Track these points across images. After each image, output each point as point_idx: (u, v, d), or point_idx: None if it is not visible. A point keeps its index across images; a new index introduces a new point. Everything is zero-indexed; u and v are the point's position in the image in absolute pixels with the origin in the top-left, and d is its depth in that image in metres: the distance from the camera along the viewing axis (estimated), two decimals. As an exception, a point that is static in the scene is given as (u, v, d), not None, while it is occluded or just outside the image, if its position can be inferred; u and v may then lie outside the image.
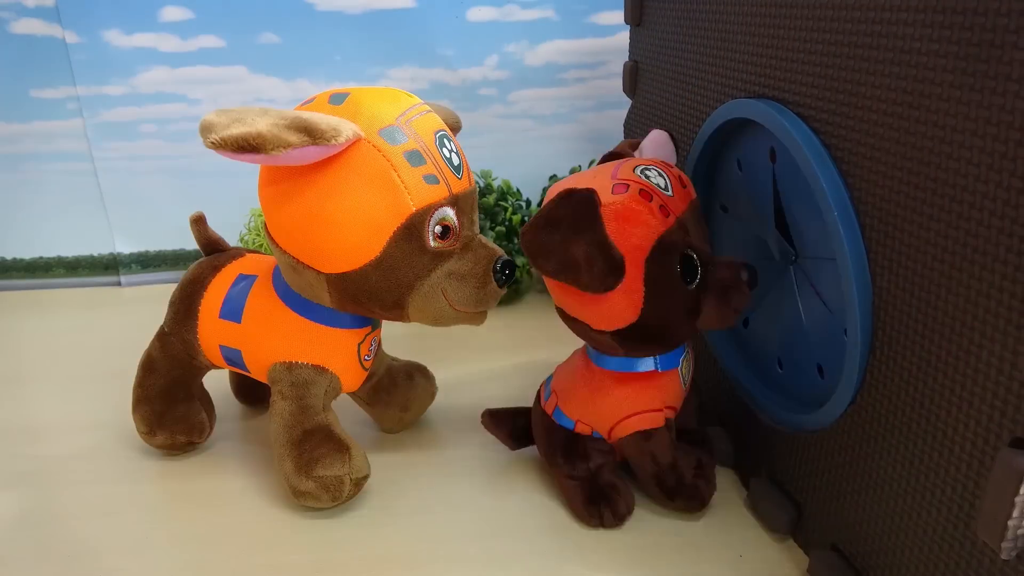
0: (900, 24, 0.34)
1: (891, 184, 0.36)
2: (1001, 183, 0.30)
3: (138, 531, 0.52)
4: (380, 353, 0.60)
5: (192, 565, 0.49)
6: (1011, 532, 0.31)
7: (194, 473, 0.58)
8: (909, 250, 0.36)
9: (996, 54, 0.30)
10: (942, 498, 0.36)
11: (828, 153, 0.40)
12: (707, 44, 0.52)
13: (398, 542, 0.51)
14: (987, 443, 0.33)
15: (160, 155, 0.93)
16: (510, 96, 0.94)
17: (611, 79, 0.93)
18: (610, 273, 0.43)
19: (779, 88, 0.44)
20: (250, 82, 0.91)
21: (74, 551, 0.50)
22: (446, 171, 0.48)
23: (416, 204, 0.46)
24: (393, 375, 0.61)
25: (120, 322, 0.54)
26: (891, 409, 0.39)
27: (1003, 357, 0.31)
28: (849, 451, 0.42)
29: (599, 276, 0.43)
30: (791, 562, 0.48)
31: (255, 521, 0.53)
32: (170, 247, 0.96)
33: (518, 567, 0.48)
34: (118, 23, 0.87)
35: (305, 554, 0.50)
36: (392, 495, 0.55)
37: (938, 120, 0.33)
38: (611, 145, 0.54)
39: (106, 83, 0.90)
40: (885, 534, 0.40)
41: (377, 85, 0.91)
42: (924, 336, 0.36)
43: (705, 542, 0.50)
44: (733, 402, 0.55)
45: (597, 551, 0.49)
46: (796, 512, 0.48)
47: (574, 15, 0.90)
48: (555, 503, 0.54)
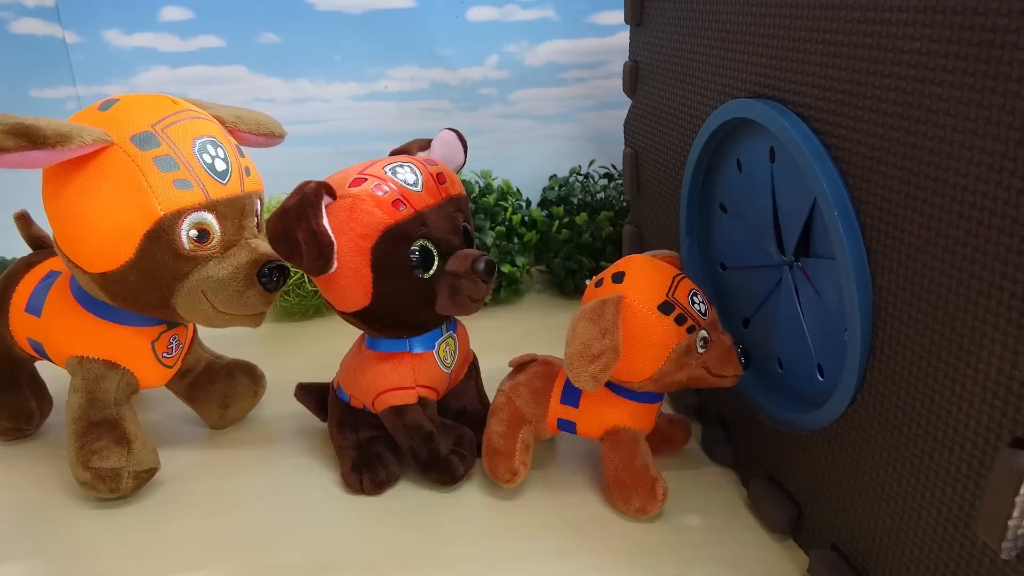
0: (900, 24, 0.34)
1: (891, 184, 0.36)
2: (1001, 183, 0.30)
3: (138, 531, 0.52)
4: (195, 350, 0.63)
5: (192, 565, 0.49)
6: (1011, 532, 0.31)
7: (194, 474, 0.58)
8: (909, 250, 0.36)
9: (996, 54, 0.30)
10: (942, 498, 0.36)
11: (828, 153, 0.40)
12: (707, 44, 0.52)
13: (398, 542, 0.51)
14: (987, 443, 0.33)
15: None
16: (510, 96, 0.94)
17: (611, 79, 0.93)
18: (319, 258, 0.48)
19: (779, 88, 0.44)
20: (250, 82, 0.91)
21: (74, 551, 0.50)
22: (204, 177, 0.50)
23: (164, 208, 0.48)
24: (212, 372, 0.63)
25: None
26: (891, 409, 0.39)
27: (1003, 357, 0.31)
28: (849, 451, 0.42)
29: (311, 260, 0.48)
30: (791, 562, 0.48)
31: (255, 521, 0.53)
32: (170, 247, 0.96)
33: (518, 567, 0.48)
34: (118, 23, 0.87)
35: (305, 554, 0.50)
36: (392, 495, 0.55)
37: (938, 120, 0.33)
38: (611, 145, 0.54)
39: (106, 83, 0.90)
40: (885, 534, 0.40)
41: (377, 84, 0.92)
42: (924, 336, 0.36)
43: (705, 542, 0.50)
44: (733, 402, 0.55)
45: (596, 552, 0.49)
46: (796, 512, 0.48)
47: (574, 15, 0.90)
48: (555, 503, 0.54)
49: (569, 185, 0.88)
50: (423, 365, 0.55)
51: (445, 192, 0.52)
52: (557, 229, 0.85)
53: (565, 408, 0.53)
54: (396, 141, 0.53)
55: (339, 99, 0.92)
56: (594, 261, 0.85)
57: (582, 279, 0.86)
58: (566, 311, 0.85)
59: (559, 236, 0.85)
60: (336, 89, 0.92)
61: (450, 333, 0.57)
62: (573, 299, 0.89)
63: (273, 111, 0.92)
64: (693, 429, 0.62)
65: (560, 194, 0.88)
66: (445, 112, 0.94)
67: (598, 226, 0.84)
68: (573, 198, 0.86)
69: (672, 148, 0.60)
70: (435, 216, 0.50)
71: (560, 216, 0.85)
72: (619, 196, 0.86)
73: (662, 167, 0.62)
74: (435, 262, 0.50)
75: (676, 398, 0.63)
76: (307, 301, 0.83)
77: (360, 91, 0.92)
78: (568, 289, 0.89)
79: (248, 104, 0.92)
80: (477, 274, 0.49)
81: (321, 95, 0.92)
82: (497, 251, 0.84)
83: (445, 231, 0.51)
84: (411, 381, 0.54)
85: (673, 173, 0.60)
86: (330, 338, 0.78)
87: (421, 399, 0.55)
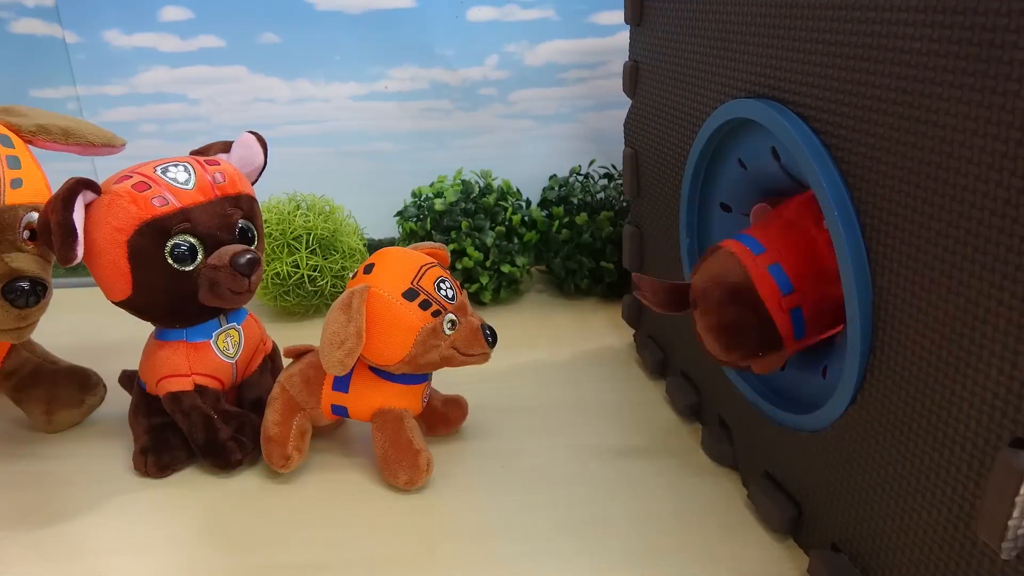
0: (900, 24, 0.34)
1: (891, 184, 0.36)
2: (1001, 183, 0.30)
3: (138, 531, 0.52)
4: (20, 352, 0.64)
5: (192, 565, 0.49)
6: (1011, 532, 0.31)
7: (194, 474, 0.58)
8: (909, 250, 0.36)
9: (996, 54, 0.30)
10: (942, 498, 0.36)
11: (828, 153, 0.40)
12: (707, 44, 0.52)
13: (398, 542, 0.51)
14: (987, 443, 0.33)
15: (160, 155, 0.93)
16: (510, 96, 0.94)
17: (611, 79, 0.93)
18: (63, 246, 0.50)
19: (779, 88, 0.44)
20: (250, 82, 0.91)
21: (74, 551, 0.50)
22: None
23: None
24: (38, 376, 0.63)
25: (121, 322, 0.54)
26: (891, 409, 0.39)
27: (1003, 357, 0.31)
28: (849, 451, 0.42)
29: (56, 248, 0.50)
30: (791, 562, 0.48)
31: (255, 521, 0.53)
32: (170, 247, 0.96)
33: (518, 567, 0.48)
34: (118, 23, 0.87)
35: (305, 554, 0.50)
36: (392, 495, 0.55)
37: (938, 120, 0.33)
38: (611, 145, 0.55)
39: (106, 83, 0.90)
40: (885, 534, 0.40)
41: (377, 84, 0.92)
42: (924, 336, 0.36)
43: (705, 542, 0.50)
44: (733, 402, 0.55)
45: (596, 551, 0.49)
46: (796, 512, 0.48)
47: (574, 15, 0.90)
48: (555, 503, 0.54)
49: (569, 185, 0.88)
50: (199, 354, 0.58)
51: (221, 191, 0.55)
52: (557, 229, 0.85)
53: (336, 394, 0.57)
54: (396, 141, 0.54)
55: (339, 99, 0.92)
56: (594, 261, 0.85)
57: (582, 279, 0.86)
58: (566, 311, 0.85)
59: (559, 236, 0.85)
60: (336, 89, 0.92)
61: (232, 325, 0.60)
62: (573, 299, 0.89)
63: (273, 111, 0.93)
64: (693, 429, 0.62)
65: (560, 194, 0.88)
66: (445, 112, 0.94)
67: (598, 226, 0.84)
68: (573, 198, 0.86)
69: (672, 148, 0.60)
70: (202, 213, 0.54)
71: (560, 216, 0.85)
72: (619, 196, 0.86)
73: (662, 167, 0.62)
74: (199, 256, 0.54)
75: (676, 399, 0.63)
76: (307, 301, 0.83)
77: (360, 91, 0.92)
78: (568, 289, 0.89)
79: (248, 104, 0.92)
80: (236, 268, 0.53)
81: (321, 95, 0.92)
82: (497, 251, 0.84)
83: (213, 227, 0.54)
84: (186, 369, 0.57)
85: (673, 173, 0.60)
86: (330, 338, 0.79)
87: (199, 387, 0.58)
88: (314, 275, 0.81)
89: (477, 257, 0.82)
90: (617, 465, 0.58)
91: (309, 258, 0.80)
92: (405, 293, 0.52)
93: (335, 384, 0.56)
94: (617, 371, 0.72)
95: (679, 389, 0.63)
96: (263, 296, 0.82)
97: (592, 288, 0.88)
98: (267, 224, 0.81)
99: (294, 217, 0.81)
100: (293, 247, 0.80)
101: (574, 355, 0.75)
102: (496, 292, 0.86)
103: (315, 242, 0.81)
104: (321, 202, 0.84)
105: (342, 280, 0.83)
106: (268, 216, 0.81)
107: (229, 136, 0.59)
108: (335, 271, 0.82)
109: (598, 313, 0.85)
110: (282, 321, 0.85)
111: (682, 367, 0.65)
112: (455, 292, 0.54)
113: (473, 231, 0.83)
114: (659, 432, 0.62)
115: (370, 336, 0.52)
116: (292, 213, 0.81)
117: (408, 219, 0.86)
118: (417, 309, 0.52)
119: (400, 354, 0.53)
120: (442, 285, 0.54)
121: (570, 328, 0.81)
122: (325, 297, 0.83)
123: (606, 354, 0.75)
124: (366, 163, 0.96)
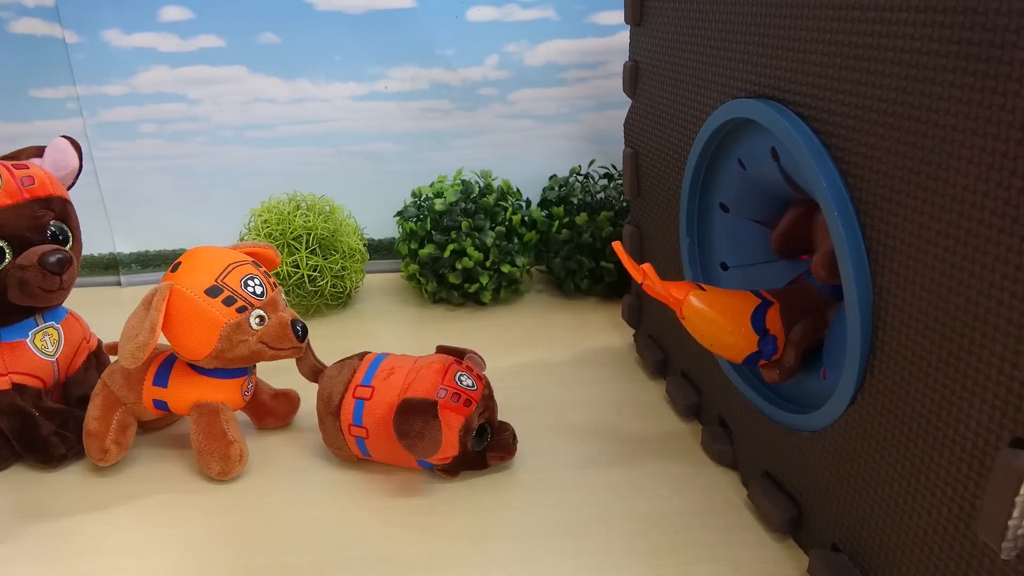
0: (900, 24, 0.34)
1: (891, 184, 0.36)
2: (1001, 183, 0.30)
3: (138, 531, 0.52)
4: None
5: (192, 565, 0.49)
6: (1011, 532, 0.31)
7: (194, 474, 0.58)
8: (909, 250, 0.36)
9: (996, 54, 0.30)
10: (942, 498, 0.36)
11: (828, 153, 0.40)
12: (707, 44, 0.52)
13: (398, 542, 0.51)
14: (987, 443, 0.33)
15: (160, 155, 0.93)
16: (510, 96, 0.94)
17: (611, 79, 0.93)
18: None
19: (779, 88, 0.44)
20: (250, 82, 0.91)
21: (74, 551, 0.50)
22: None
23: None
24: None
25: (120, 322, 0.54)
26: (891, 409, 0.39)
27: (1003, 357, 0.31)
28: (849, 451, 0.42)
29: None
30: (791, 562, 0.48)
31: (255, 521, 0.53)
32: (170, 247, 0.96)
33: (518, 568, 0.48)
34: (118, 23, 0.87)
35: (305, 554, 0.50)
36: (392, 495, 0.55)
37: (938, 120, 0.33)
38: (611, 145, 0.55)
39: (106, 83, 0.90)
40: (885, 534, 0.40)
41: (377, 84, 0.92)
42: (924, 336, 0.36)
43: (705, 542, 0.50)
44: (733, 402, 0.55)
45: (596, 552, 0.49)
46: (796, 512, 0.48)
47: (574, 15, 0.90)
48: (554, 503, 0.54)
49: (569, 185, 0.88)
50: (15, 354, 0.58)
51: (30, 193, 0.56)
52: (557, 229, 0.85)
53: (156, 389, 0.58)
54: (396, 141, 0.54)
55: (339, 99, 0.92)
56: (594, 261, 0.85)
57: (582, 279, 0.86)
58: (566, 311, 0.85)
59: (559, 236, 0.85)
60: (336, 89, 0.92)
61: (50, 324, 0.60)
62: (573, 299, 0.89)
63: (273, 111, 0.93)
64: (693, 429, 0.62)
65: (560, 194, 0.88)
66: (445, 112, 0.94)
67: (598, 226, 0.84)
68: (573, 198, 0.86)
69: (672, 148, 0.60)
70: (9, 215, 0.55)
71: (560, 216, 0.85)
72: (619, 196, 0.86)
73: (662, 167, 0.62)
74: (7, 257, 0.55)
75: (676, 399, 0.63)
76: (307, 301, 0.83)
77: (360, 91, 0.92)
78: (568, 289, 0.89)
79: (248, 104, 0.92)
80: (46, 267, 0.54)
81: (321, 95, 0.92)
82: (497, 251, 0.84)
83: (21, 228, 0.55)
84: (2, 368, 0.58)
85: (673, 173, 0.60)
86: (330, 339, 0.79)
87: (17, 385, 0.58)
88: (314, 275, 0.81)
89: (477, 257, 0.82)
90: (617, 465, 0.58)
91: (309, 258, 0.80)
92: (208, 290, 0.54)
93: (155, 379, 0.58)
94: (617, 371, 0.72)
95: (679, 389, 0.63)
96: (263, 296, 0.82)
97: (592, 288, 0.88)
98: (267, 224, 0.81)
99: (294, 217, 0.81)
100: (293, 247, 0.80)
101: (574, 355, 0.75)
102: (496, 292, 0.86)
103: (315, 242, 0.81)
104: (321, 202, 0.84)
105: (342, 280, 0.83)
106: (268, 216, 0.81)
107: (229, 136, 0.59)
108: (335, 271, 0.82)
109: (598, 313, 0.85)
110: (282, 321, 0.85)
111: (682, 367, 0.65)
112: (265, 289, 0.56)
113: (473, 231, 0.83)
114: (659, 432, 0.62)
115: (176, 332, 0.54)
116: (292, 213, 0.81)
117: (408, 219, 0.86)
118: (221, 305, 0.54)
119: (206, 349, 0.54)
120: (250, 282, 0.55)
121: (570, 328, 0.81)
122: (325, 297, 0.83)
123: (606, 354, 0.75)
124: (366, 163, 0.95)
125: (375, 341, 0.80)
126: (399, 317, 0.86)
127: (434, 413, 0.51)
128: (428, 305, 0.89)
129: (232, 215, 0.88)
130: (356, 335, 0.81)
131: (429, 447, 0.51)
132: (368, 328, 0.83)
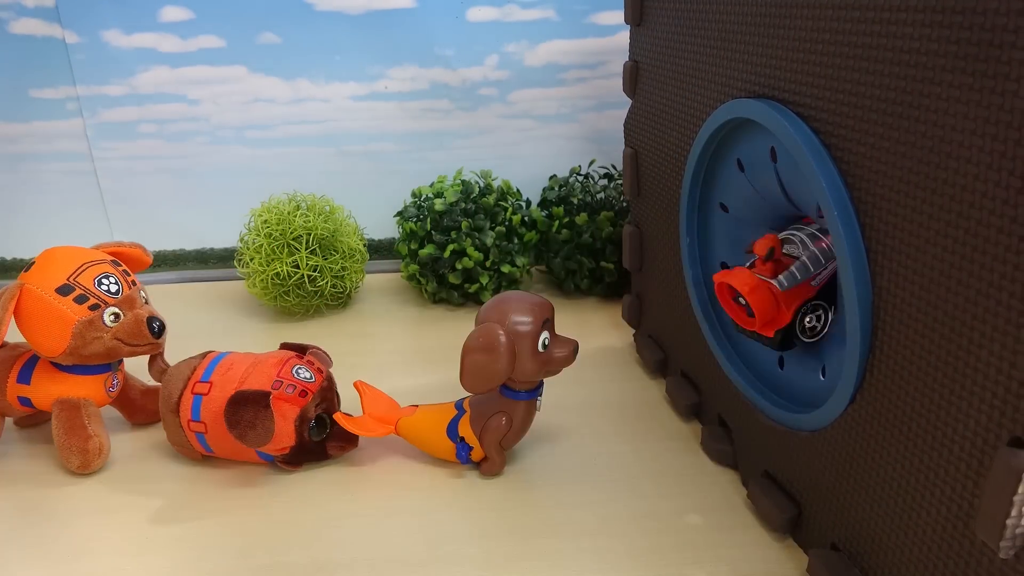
0: (900, 24, 0.34)
1: (891, 184, 0.36)
2: (1001, 183, 0.30)
3: (138, 531, 0.52)
4: None
5: (192, 565, 0.49)
6: (1010, 531, 0.31)
7: (194, 474, 0.58)
8: (909, 250, 0.36)
9: (996, 54, 0.30)
10: (941, 497, 0.36)
11: (828, 153, 0.40)
12: (707, 44, 0.52)
13: (398, 542, 0.51)
14: (986, 442, 0.33)
15: (160, 155, 0.93)
16: (510, 96, 0.94)
17: (611, 79, 0.93)
18: None
19: (779, 88, 0.44)
20: (250, 82, 0.91)
21: (74, 551, 0.51)
22: None
23: None
24: None
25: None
26: (891, 409, 0.39)
27: (1002, 356, 0.31)
28: (849, 451, 0.42)
29: None
30: (791, 562, 0.48)
31: (255, 521, 0.53)
32: (170, 247, 0.96)
33: (517, 568, 0.48)
34: (118, 23, 0.87)
35: (305, 554, 0.50)
36: (392, 495, 0.55)
37: (938, 120, 0.33)
38: (611, 145, 0.55)
39: (106, 83, 0.90)
40: (885, 533, 0.40)
41: (377, 84, 0.92)
42: (924, 336, 0.36)
43: (705, 542, 0.50)
44: (733, 402, 0.55)
45: (596, 551, 0.49)
46: (796, 512, 0.48)
47: (574, 15, 0.90)
48: (555, 503, 0.54)
49: (569, 185, 0.88)
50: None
51: None
52: (557, 229, 0.85)
53: (20, 386, 0.59)
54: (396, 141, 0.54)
55: (339, 99, 0.92)
56: (594, 261, 0.85)
57: (582, 279, 0.86)
58: (566, 311, 0.85)
59: (559, 236, 0.85)
60: (336, 89, 0.92)
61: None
62: (573, 299, 0.89)
63: (273, 111, 0.93)
64: (693, 429, 0.62)
65: (560, 194, 0.88)
66: (445, 112, 0.94)
67: (598, 226, 0.84)
68: (573, 198, 0.86)
69: (672, 148, 0.60)
70: None
71: (560, 216, 0.85)
72: (619, 196, 0.86)
73: (662, 167, 0.62)
74: None
75: (676, 398, 0.63)
76: (307, 301, 0.83)
77: (360, 91, 0.92)
78: (568, 289, 0.89)
79: (248, 104, 0.92)
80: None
81: (321, 95, 0.92)
82: (497, 251, 0.84)
83: None
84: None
85: (673, 173, 0.60)
86: (330, 338, 0.79)
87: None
88: (314, 275, 0.81)
89: (477, 257, 0.82)
90: (617, 465, 0.58)
91: (309, 258, 0.80)
92: (59, 288, 0.55)
93: (19, 377, 0.59)
94: (617, 371, 0.72)
95: (679, 389, 0.63)
96: (263, 296, 0.82)
97: (592, 288, 0.88)
98: (267, 224, 0.81)
99: (294, 217, 0.81)
100: (293, 247, 0.80)
101: (574, 355, 0.75)
102: (496, 292, 0.86)
103: (315, 242, 0.81)
104: (321, 202, 0.84)
105: (342, 280, 0.83)
106: (268, 216, 0.81)
107: (229, 136, 0.59)
108: (335, 271, 0.82)
109: (598, 313, 0.85)
110: (282, 321, 0.85)
111: (682, 367, 0.65)
112: (121, 287, 0.58)
113: (473, 231, 0.83)
114: (659, 432, 0.62)
115: (29, 330, 0.56)
116: (292, 213, 0.81)
117: (408, 219, 0.86)
118: (72, 303, 0.55)
119: (60, 346, 0.56)
120: (104, 280, 0.57)
121: (570, 328, 0.81)
122: (325, 297, 0.83)
123: (606, 354, 0.75)
124: (366, 163, 0.96)
125: (375, 341, 0.80)
126: (399, 317, 0.86)
127: (265, 403, 0.52)
128: (428, 305, 0.89)
129: (232, 215, 0.88)
130: (356, 335, 0.82)
131: (261, 436, 0.52)
132: (368, 328, 0.83)
